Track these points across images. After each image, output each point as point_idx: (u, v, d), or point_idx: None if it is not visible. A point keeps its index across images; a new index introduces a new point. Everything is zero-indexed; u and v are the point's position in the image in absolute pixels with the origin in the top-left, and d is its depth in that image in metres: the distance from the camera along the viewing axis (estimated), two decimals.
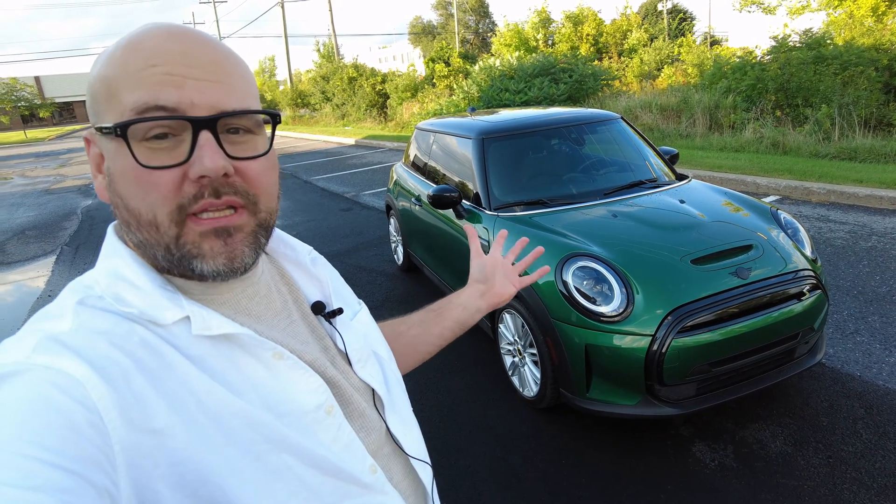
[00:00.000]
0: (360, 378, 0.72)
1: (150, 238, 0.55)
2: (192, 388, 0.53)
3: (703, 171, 7.49)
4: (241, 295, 0.64)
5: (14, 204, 10.90)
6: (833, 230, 5.06)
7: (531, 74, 14.34)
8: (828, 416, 2.56)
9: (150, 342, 0.54)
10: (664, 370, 2.26)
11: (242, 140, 0.57)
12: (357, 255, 5.64)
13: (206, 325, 0.56)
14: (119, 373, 0.50)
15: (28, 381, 0.46)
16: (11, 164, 20.27)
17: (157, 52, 0.53)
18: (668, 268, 2.45)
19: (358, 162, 12.78)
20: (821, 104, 9.03)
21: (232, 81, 0.56)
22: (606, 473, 2.35)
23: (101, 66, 0.55)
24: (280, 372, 0.60)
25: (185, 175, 0.53)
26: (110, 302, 0.55)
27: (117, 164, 0.54)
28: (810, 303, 2.47)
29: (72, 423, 0.45)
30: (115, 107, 0.53)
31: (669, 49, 19.52)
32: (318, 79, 26.37)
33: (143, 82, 0.52)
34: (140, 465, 0.48)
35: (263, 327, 0.63)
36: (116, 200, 0.56)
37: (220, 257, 0.56)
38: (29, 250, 7.13)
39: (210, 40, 0.57)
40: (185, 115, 0.53)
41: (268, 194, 0.60)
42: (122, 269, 0.58)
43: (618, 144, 3.70)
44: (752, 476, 2.26)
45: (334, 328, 0.73)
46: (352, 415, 0.67)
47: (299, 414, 0.60)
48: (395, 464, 0.72)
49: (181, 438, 0.51)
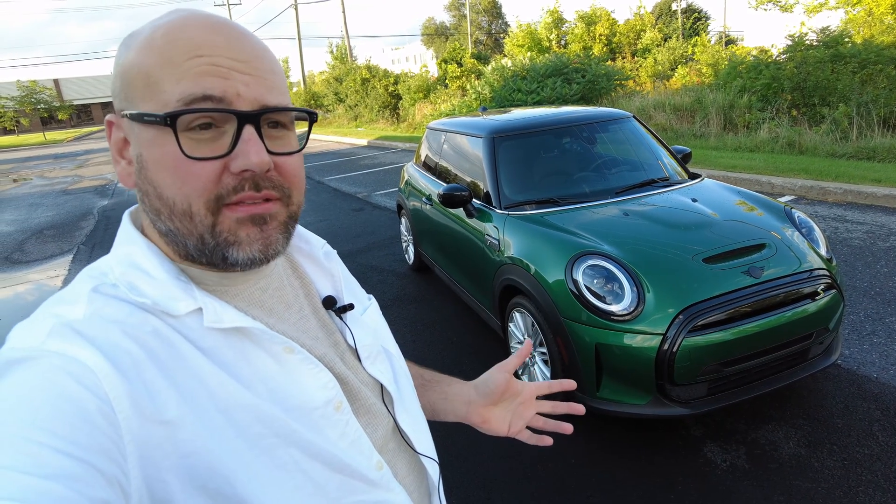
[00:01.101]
0: (369, 374, 0.72)
1: (182, 227, 0.55)
2: (203, 380, 0.54)
3: (717, 170, 7.42)
4: (254, 287, 0.64)
5: (33, 204, 11.08)
6: (850, 230, 4.99)
7: (544, 75, 14.29)
8: (843, 418, 2.52)
9: (162, 332, 0.54)
10: (675, 370, 2.23)
11: (280, 135, 0.58)
12: (368, 255, 5.66)
13: (217, 318, 0.57)
14: (131, 363, 0.50)
15: (41, 367, 0.46)
16: (31, 166, 20.61)
17: (201, 43, 0.53)
18: (680, 266, 2.43)
19: (370, 162, 12.82)
20: (838, 103, 8.90)
21: (272, 77, 0.57)
22: (616, 474, 2.33)
23: (136, 53, 0.54)
24: (290, 366, 0.60)
25: (225, 167, 0.54)
26: (124, 291, 0.55)
27: (153, 153, 0.54)
28: (825, 303, 2.44)
29: (83, 412, 0.45)
30: (156, 96, 0.53)
31: (683, 49, 19.36)
32: (330, 80, 26.52)
33: (188, 73, 0.52)
34: (150, 456, 0.48)
35: (275, 320, 0.64)
36: (147, 188, 0.56)
37: (255, 244, 0.56)
38: (47, 249, 7.24)
39: (248, 33, 0.57)
40: (231, 108, 0.53)
41: (299, 188, 0.61)
42: (137, 258, 0.58)
43: (629, 143, 3.68)
44: (764, 478, 2.23)
45: (344, 323, 0.73)
46: (359, 410, 0.67)
47: (308, 409, 0.60)
48: (400, 459, 0.72)
49: (191, 430, 0.51)
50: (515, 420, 0.87)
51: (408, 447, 0.73)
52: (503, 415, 0.87)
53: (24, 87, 41.71)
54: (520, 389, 0.88)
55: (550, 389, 0.89)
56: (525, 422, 0.88)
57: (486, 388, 0.87)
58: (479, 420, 0.87)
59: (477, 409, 0.87)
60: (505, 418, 0.87)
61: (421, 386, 0.91)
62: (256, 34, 0.59)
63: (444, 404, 0.89)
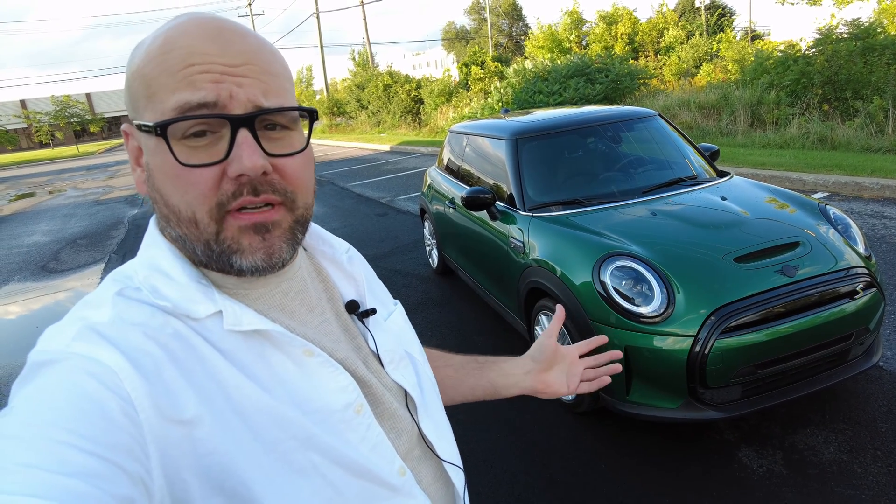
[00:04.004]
0: (393, 379, 0.71)
1: (189, 234, 0.56)
2: (221, 382, 0.54)
3: (745, 168, 7.26)
4: (275, 290, 0.63)
5: (67, 215, 11.41)
6: (888, 227, 4.82)
7: (565, 76, 14.20)
8: (886, 422, 2.43)
9: (182, 334, 0.55)
10: (707, 372, 2.18)
11: (279, 136, 0.57)
12: (392, 259, 5.68)
13: (237, 321, 0.57)
14: (152, 364, 0.51)
15: (66, 368, 0.47)
16: (65, 177, 21.25)
17: (195, 51, 0.53)
18: (710, 266, 2.37)
19: (393, 168, 12.88)
20: (872, 96, 8.62)
21: (267, 78, 0.56)
22: (648, 479, 2.28)
23: (139, 62, 0.55)
24: (310, 369, 0.60)
25: (223, 172, 0.54)
26: (147, 294, 0.56)
27: (156, 161, 0.55)
28: (864, 302, 2.35)
29: (106, 412, 0.46)
30: (155, 105, 0.54)
31: (708, 45, 19.04)
32: (353, 87, 26.76)
33: (182, 82, 0.52)
34: (170, 455, 0.49)
35: (295, 324, 0.63)
36: (155, 196, 0.57)
37: (258, 253, 0.56)
38: (80, 258, 7.44)
39: (246, 33, 0.57)
40: (223, 113, 0.53)
41: (305, 190, 0.60)
42: (159, 261, 0.59)
43: (656, 142, 3.61)
44: (803, 484, 2.15)
45: (367, 328, 0.72)
46: (382, 415, 0.66)
47: (328, 412, 0.60)
48: (425, 467, 0.71)
49: (208, 430, 0.51)
50: (572, 378, 0.96)
51: (433, 455, 0.72)
52: (560, 377, 0.95)
53: (59, 101, 43.15)
54: (566, 352, 0.97)
55: (589, 346, 0.99)
56: (578, 378, 0.96)
57: (541, 355, 0.95)
58: (542, 385, 0.94)
59: (537, 375, 0.95)
60: (562, 380, 0.95)
61: (478, 368, 0.95)
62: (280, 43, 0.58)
63: (506, 379, 0.95)
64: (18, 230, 10.20)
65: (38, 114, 43.45)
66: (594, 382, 0.97)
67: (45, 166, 30.40)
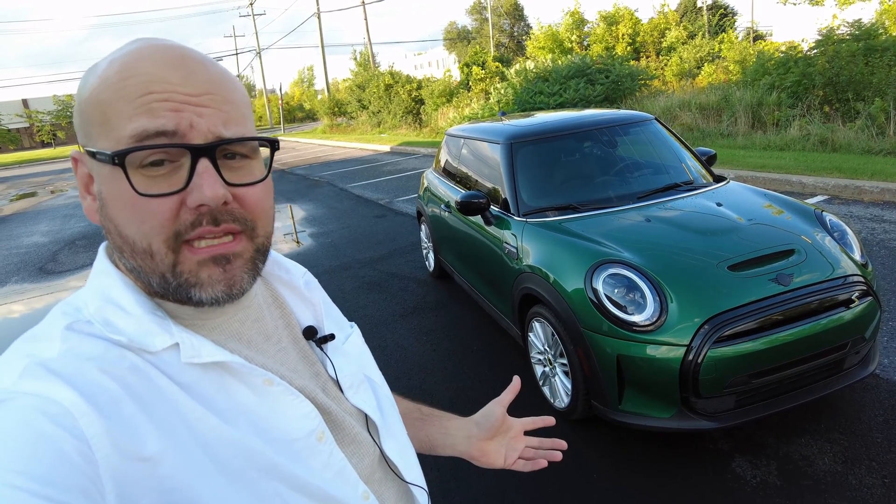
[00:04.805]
0: (352, 403, 0.71)
1: (144, 265, 0.54)
2: (182, 415, 0.53)
3: (745, 171, 7.22)
4: (232, 319, 0.63)
5: (66, 215, 11.41)
6: (888, 231, 4.78)
7: (566, 76, 14.16)
8: (882, 432, 2.40)
9: (140, 368, 0.53)
10: (700, 381, 2.15)
11: (239, 165, 0.57)
12: (389, 262, 5.66)
13: (195, 353, 0.56)
14: (109, 400, 0.49)
15: (15, 408, 0.45)
16: (67, 177, 21.28)
17: (154, 79, 0.52)
18: (704, 274, 2.35)
19: (392, 169, 12.87)
20: (874, 98, 8.58)
21: (228, 107, 0.56)
22: (640, 489, 2.26)
23: (93, 88, 0.53)
24: (271, 398, 0.60)
25: (182, 202, 0.53)
26: (99, 327, 0.54)
27: (111, 190, 0.53)
28: (860, 310, 2.32)
29: (60, 453, 0.44)
30: (110, 133, 0.52)
31: (710, 46, 18.97)
32: (353, 87, 26.74)
33: (140, 109, 0.51)
34: (129, 494, 0.48)
35: (253, 353, 0.63)
36: (108, 225, 0.55)
37: (218, 285, 0.55)
38: (78, 259, 7.43)
39: (206, 63, 0.56)
40: (183, 143, 0.52)
41: (265, 219, 0.59)
42: (111, 292, 0.57)
43: (652, 146, 3.59)
44: (797, 495, 2.13)
45: (325, 354, 0.72)
46: (344, 441, 0.67)
47: (290, 440, 0.59)
48: (388, 489, 0.71)
49: (171, 466, 0.50)
50: (510, 452, 0.93)
51: (395, 476, 0.73)
52: (499, 448, 0.92)
53: (60, 101, 43.26)
54: (511, 424, 0.94)
55: (535, 425, 0.96)
56: (517, 454, 0.93)
57: (486, 423, 0.92)
58: (479, 454, 0.91)
59: (477, 443, 0.91)
60: (500, 451, 0.92)
61: (419, 420, 0.93)
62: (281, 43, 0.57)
63: (444, 438, 0.92)
64: (18, 230, 10.21)
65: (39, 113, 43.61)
66: (530, 462, 0.94)
67: (47, 166, 30.45)
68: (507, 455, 0.92)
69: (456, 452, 0.92)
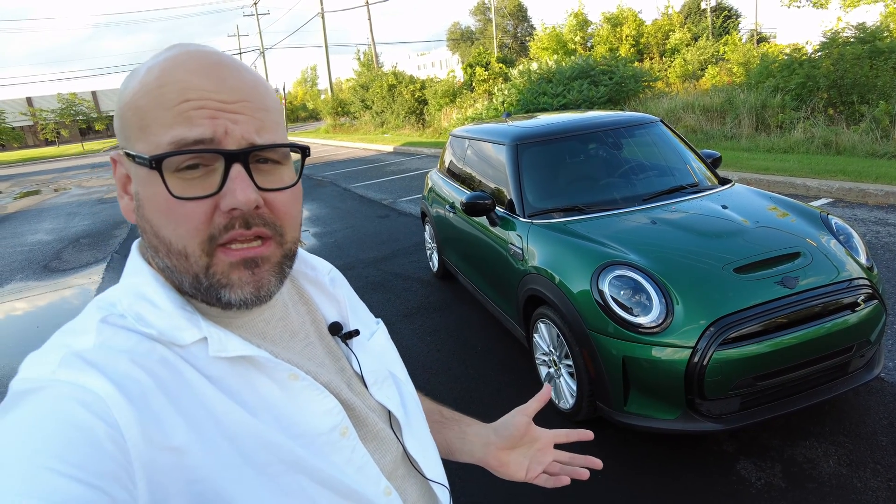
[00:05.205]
0: (376, 400, 0.72)
1: (178, 265, 0.56)
2: (209, 408, 0.54)
3: (748, 173, 7.22)
4: (257, 318, 0.65)
5: (71, 213, 11.44)
6: (892, 234, 4.78)
7: (570, 77, 14.17)
8: (887, 436, 2.40)
9: (169, 361, 0.55)
10: (705, 384, 2.16)
11: (270, 170, 0.59)
12: (393, 262, 5.67)
13: (222, 347, 0.57)
14: (139, 391, 0.51)
15: (52, 396, 0.47)
16: (70, 175, 21.34)
17: (190, 87, 0.54)
18: (710, 277, 2.35)
19: (396, 169, 12.88)
20: (878, 100, 8.57)
21: (261, 114, 0.57)
22: (644, 491, 2.26)
23: (132, 94, 0.55)
24: (295, 393, 0.61)
25: (216, 206, 0.55)
26: (132, 321, 0.56)
27: (148, 192, 0.56)
28: (866, 314, 2.32)
29: (93, 439, 0.46)
30: (148, 138, 0.54)
31: (714, 48, 18.96)
32: (357, 87, 26.77)
33: (178, 117, 0.53)
34: (158, 482, 0.49)
35: (279, 349, 0.64)
36: (145, 226, 0.57)
37: (247, 287, 0.57)
38: (83, 257, 7.45)
39: (242, 70, 0.58)
40: (218, 149, 0.54)
41: (293, 225, 0.61)
42: (144, 289, 0.59)
43: (657, 148, 3.59)
44: (802, 498, 2.13)
45: (350, 350, 0.73)
46: (367, 436, 0.68)
47: (313, 435, 0.60)
48: (410, 485, 0.72)
49: (198, 457, 0.51)
50: (533, 465, 0.86)
51: (417, 473, 0.73)
52: (521, 459, 0.86)
53: (65, 99, 43.39)
54: (538, 435, 0.87)
55: (568, 438, 0.89)
56: (543, 467, 0.87)
57: (506, 431, 0.86)
58: (497, 463, 0.86)
59: (495, 451, 0.86)
60: (522, 463, 0.86)
61: (438, 423, 0.91)
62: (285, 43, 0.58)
63: (462, 444, 0.88)
64: (22, 228, 10.24)
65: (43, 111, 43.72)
66: (553, 479, 0.87)
67: (51, 164, 30.53)
68: (531, 468, 0.86)
69: (473, 459, 0.87)
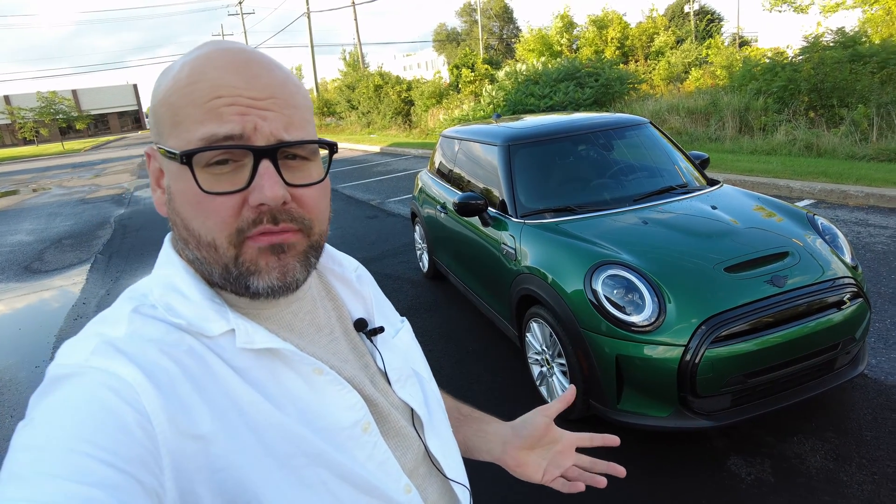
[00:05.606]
0: (399, 397, 0.73)
1: (208, 257, 0.57)
2: (234, 398, 0.55)
3: (733, 174, 7.33)
4: (285, 311, 0.66)
5: (52, 213, 11.25)
6: (873, 235, 4.89)
7: (556, 79, 14.26)
8: (872, 430, 2.46)
9: (197, 351, 0.56)
10: (698, 381, 2.19)
11: (298, 166, 0.59)
12: (383, 263, 5.66)
13: (249, 339, 0.58)
14: (167, 379, 0.52)
15: (86, 382, 0.49)
16: (50, 175, 20.96)
17: (221, 84, 0.55)
18: (701, 276, 2.39)
19: (383, 169, 12.86)
20: (857, 104, 8.76)
21: (290, 111, 0.58)
22: (637, 488, 2.29)
23: (165, 91, 0.57)
24: (319, 387, 0.62)
25: (244, 200, 0.56)
26: (162, 311, 0.58)
27: (179, 186, 0.57)
28: (851, 312, 2.38)
29: (123, 425, 0.47)
30: (180, 133, 0.55)
31: (697, 51, 19.21)
32: (343, 88, 26.67)
33: (209, 115, 0.54)
34: (184, 469, 0.50)
35: (305, 343, 0.65)
36: (175, 218, 0.59)
37: (273, 272, 0.58)
38: (65, 258, 7.34)
39: (271, 66, 0.59)
40: (247, 145, 0.55)
41: (321, 218, 0.62)
42: (174, 280, 0.60)
43: (647, 149, 3.64)
44: (791, 492, 2.17)
45: (374, 346, 0.74)
46: (389, 433, 0.68)
47: (336, 430, 0.61)
48: (430, 484, 0.72)
49: (222, 446, 0.53)
50: (551, 468, 0.84)
51: (438, 472, 0.73)
52: (539, 461, 0.84)
53: (44, 98, 42.59)
54: (559, 437, 0.85)
55: (592, 443, 0.86)
56: (561, 471, 0.84)
57: (525, 430, 0.84)
58: (514, 463, 0.84)
59: (513, 450, 0.84)
60: (540, 465, 0.84)
61: (456, 420, 0.90)
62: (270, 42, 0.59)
63: (480, 442, 0.87)
64: (0, 229, 10.04)
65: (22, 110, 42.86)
66: (570, 484, 0.85)
67: (30, 163, 29.96)
68: (548, 470, 0.83)
69: (491, 458, 0.86)
